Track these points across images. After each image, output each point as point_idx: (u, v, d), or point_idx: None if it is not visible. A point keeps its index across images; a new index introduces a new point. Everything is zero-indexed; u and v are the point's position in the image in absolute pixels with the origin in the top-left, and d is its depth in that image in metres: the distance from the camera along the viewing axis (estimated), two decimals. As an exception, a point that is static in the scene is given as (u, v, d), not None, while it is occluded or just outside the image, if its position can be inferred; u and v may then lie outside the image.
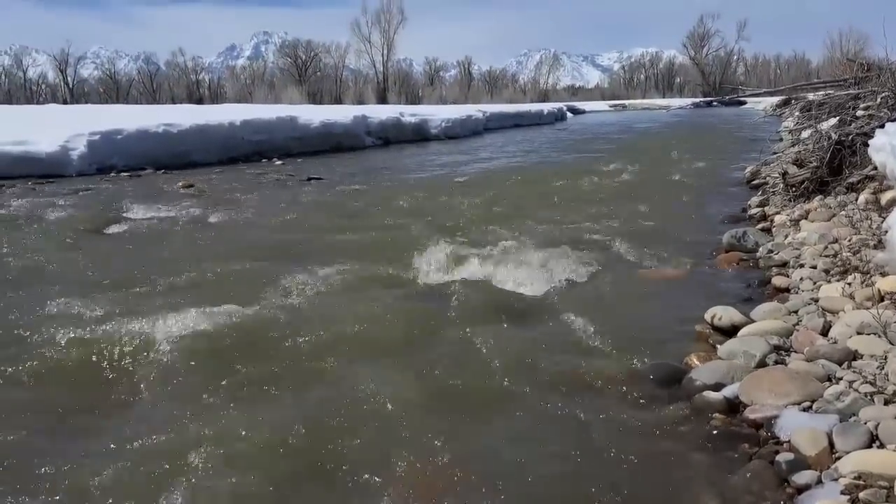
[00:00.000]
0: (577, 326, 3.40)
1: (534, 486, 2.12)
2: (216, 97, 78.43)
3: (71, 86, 78.03)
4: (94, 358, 3.13)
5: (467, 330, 3.37)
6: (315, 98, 72.49)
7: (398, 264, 4.71)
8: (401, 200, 7.98)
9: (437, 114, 24.24)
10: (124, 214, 7.22)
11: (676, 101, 66.90)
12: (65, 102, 61.07)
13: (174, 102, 65.78)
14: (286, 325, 3.48)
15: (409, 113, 23.40)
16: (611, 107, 62.02)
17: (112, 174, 11.37)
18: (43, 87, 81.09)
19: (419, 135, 21.54)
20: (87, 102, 66.54)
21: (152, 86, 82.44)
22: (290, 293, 4.05)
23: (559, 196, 8.11)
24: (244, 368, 3.03)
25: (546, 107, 40.52)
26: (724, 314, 3.37)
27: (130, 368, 3.06)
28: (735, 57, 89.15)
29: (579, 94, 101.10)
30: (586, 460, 2.26)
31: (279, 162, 13.83)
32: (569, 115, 42.90)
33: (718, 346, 3.10)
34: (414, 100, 78.20)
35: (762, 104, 40.31)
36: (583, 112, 51.69)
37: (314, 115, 18.18)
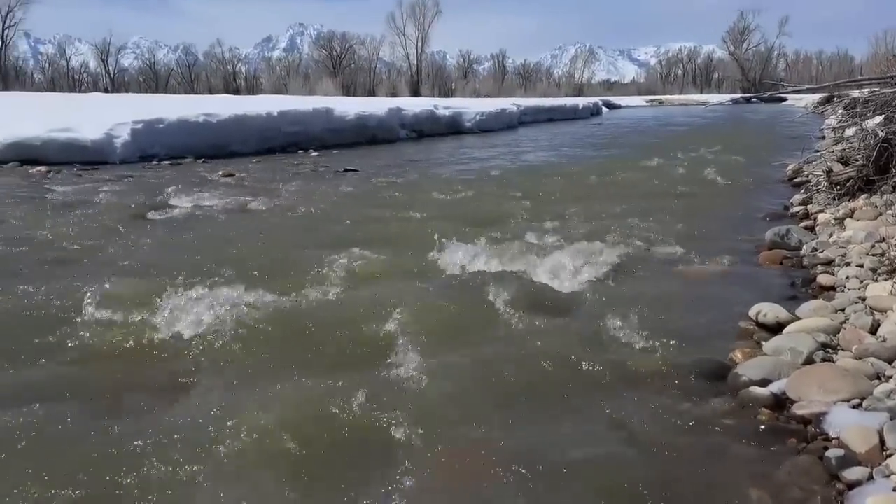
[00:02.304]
0: (619, 321, 3.39)
1: (576, 478, 2.12)
2: (252, 88, 79.34)
3: (112, 75, 79.55)
4: (140, 340, 3.22)
5: (508, 322, 3.39)
6: (349, 90, 72.88)
7: (436, 255, 4.74)
8: (437, 193, 8.02)
9: (471, 107, 24.22)
10: (168, 201, 7.37)
11: (715, 97, 65.80)
12: (106, 91, 62.29)
13: (211, 93, 66.65)
14: (327, 311, 3.54)
15: (444, 106, 23.43)
16: (647, 102, 61.32)
17: (154, 162, 11.61)
18: (85, 75, 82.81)
19: (453, 128, 21.57)
20: (127, 92, 67.80)
21: (190, 76, 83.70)
22: (331, 281, 4.11)
23: (597, 191, 8.08)
24: (287, 351, 3.09)
25: (581, 101, 40.19)
26: (769, 311, 3.34)
27: (176, 350, 3.14)
28: (775, 53, 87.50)
29: (615, 88, 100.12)
30: (630, 452, 2.26)
31: (315, 153, 13.97)
32: (604, 109, 42.53)
33: (763, 343, 3.08)
34: (447, 93, 78.18)
35: (803, 101, 39.46)
36: (618, 107, 51.21)
37: (349, 107, 18.30)
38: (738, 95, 64.83)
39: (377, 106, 19.84)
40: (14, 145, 10.81)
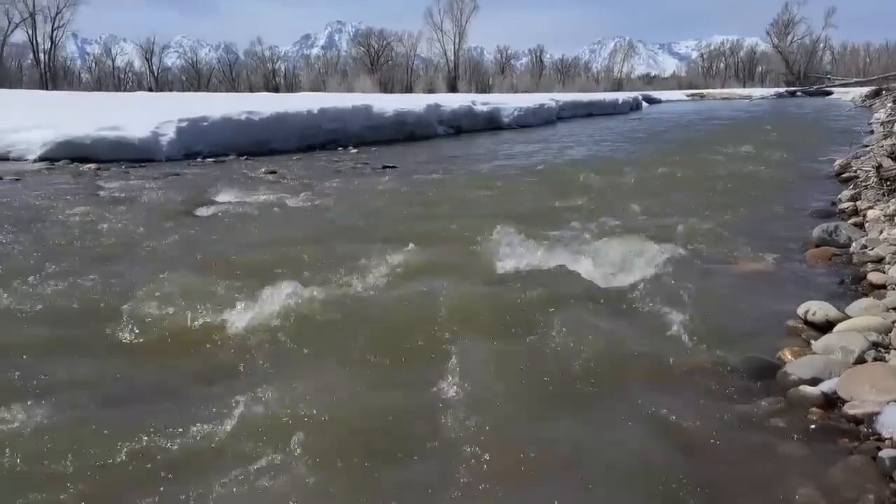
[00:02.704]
0: (664, 318, 3.38)
1: (621, 475, 2.13)
2: (291, 86, 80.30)
3: (156, 74, 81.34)
4: (191, 331, 3.32)
5: (550, 317, 3.40)
6: (386, 87, 73.28)
7: (478, 251, 4.77)
8: (477, 189, 8.04)
9: (510, 102, 24.16)
10: (214, 198, 7.53)
11: (758, 91, 64.43)
12: (150, 90, 63.71)
13: (251, 91, 67.64)
14: (372, 306, 3.59)
15: (481, 102, 23.40)
16: (688, 96, 60.29)
17: (198, 160, 11.85)
18: (130, 74, 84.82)
19: (491, 124, 21.54)
20: (170, 90, 69.27)
21: (231, 74, 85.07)
22: (375, 276, 4.17)
23: (639, 187, 8.01)
24: (333, 344, 3.15)
25: (621, 96, 39.74)
26: (818, 309, 3.29)
27: (226, 342, 3.22)
28: (821, 45, 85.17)
29: (654, 82, 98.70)
30: (676, 450, 2.26)
31: (354, 150, 14.10)
32: (644, 104, 41.95)
33: (812, 342, 3.04)
34: (484, 88, 78.05)
35: (850, 95, 38.39)
36: (659, 102, 50.44)
37: (387, 103, 18.41)
38: (782, 89, 63.36)
39: (415, 103, 19.92)
40: (65, 144, 11.14)
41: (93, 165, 10.42)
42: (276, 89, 73.15)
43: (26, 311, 3.60)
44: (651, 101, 48.34)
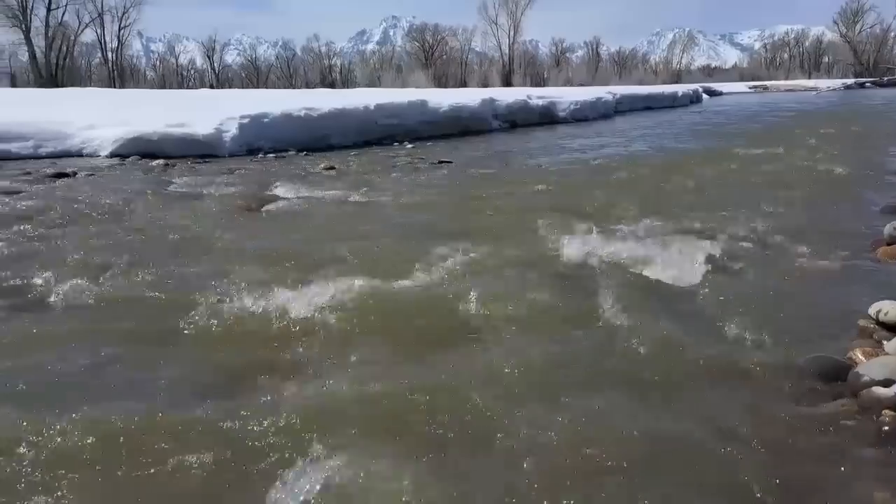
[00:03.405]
0: (728, 316, 3.34)
1: (684, 475, 2.12)
2: (347, 81, 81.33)
3: (217, 71, 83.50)
4: (261, 323, 3.43)
5: (613, 313, 3.40)
6: (440, 81, 73.51)
7: (536, 246, 4.78)
8: (533, 184, 8.03)
9: (566, 96, 23.93)
10: (277, 193, 7.73)
11: (825, 82, 62.06)
12: (211, 87, 65.52)
13: (308, 87, 68.81)
14: (432, 299, 3.65)
15: (537, 95, 23.27)
16: (750, 88, 58.59)
17: (259, 155, 12.15)
18: (192, 72, 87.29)
19: (546, 118, 21.40)
20: (230, 87, 71.04)
21: (289, 70, 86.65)
22: (434, 270, 4.22)
23: (699, 182, 7.86)
24: (396, 336, 3.23)
25: (680, 88, 38.87)
26: (891, 309, 3.19)
27: (291, 334, 3.32)
28: (892, 34, 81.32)
29: (715, 74, 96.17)
30: (742, 451, 2.24)
31: (410, 145, 14.22)
32: (705, 97, 40.95)
33: (885, 342, 2.96)
34: (539, 82, 77.47)
35: (926, 85, 36.57)
36: (720, 94, 49.18)
37: (443, 98, 18.48)
38: (850, 80, 60.91)
39: (470, 97, 19.93)
40: (135, 140, 11.60)
41: (161, 161, 10.81)
42: (331, 85, 74.25)
43: (110, 300, 3.80)
44: (712, 93, 47.16)
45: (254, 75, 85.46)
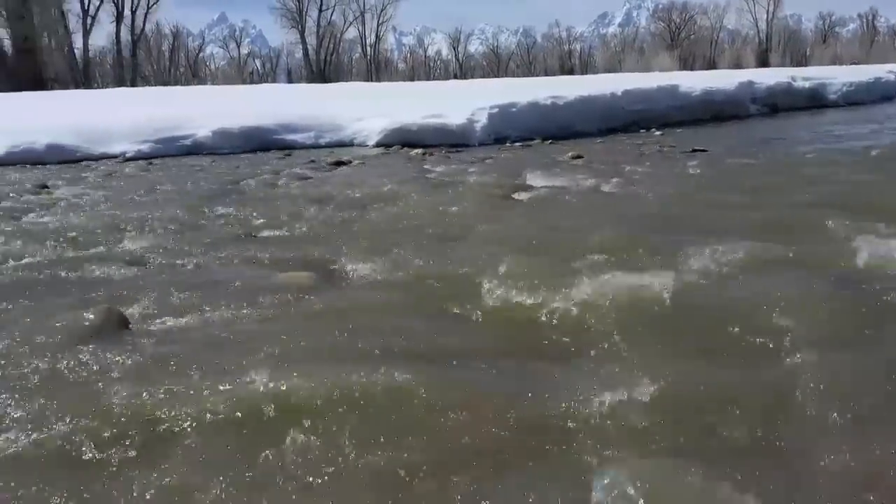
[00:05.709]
0: None
1: None
2: (586, 67, 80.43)
3: (461, 61, 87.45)
4: (530, 310, 3.59)
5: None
6: (686, 63, 69.66)
7: (816, 245, 4.41)
8: (804, 175, 7.37)
9: (837, 77, 21.43)
10: (527, 182, 7.98)
11: None
12: (455, 77, 68.76)
13: (546, 74, 69.24)
14: (707, 298, 3.54)
15: (802, 77, 21.12)
16: None
17: (507, 144, 12.60)
18: (438, 62, 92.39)
19: (813, 101, 19.41)
20: (472, 76, 73.98)
21: (528, 58, 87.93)
22: (699, 266, 4.09)
23: None
24: (659, 333, 3.19)
25: None
26: None
27: (561, 322, 3.43)
28: None
29: None
30: None
31: (658, 132, 13.76)
32: None
33: None
34: (800, 61, 70.05)
35: None
36: None
37: (694, 82, 17.59)
38: None
39: (724, 80, 18.72)
40: (398, 131, 12.70)
41: (419, 150, 11.69)
42: (570, 71, 73.93)
43: (397, 279, 4.25)
44: None
45: (495, 64, 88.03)
